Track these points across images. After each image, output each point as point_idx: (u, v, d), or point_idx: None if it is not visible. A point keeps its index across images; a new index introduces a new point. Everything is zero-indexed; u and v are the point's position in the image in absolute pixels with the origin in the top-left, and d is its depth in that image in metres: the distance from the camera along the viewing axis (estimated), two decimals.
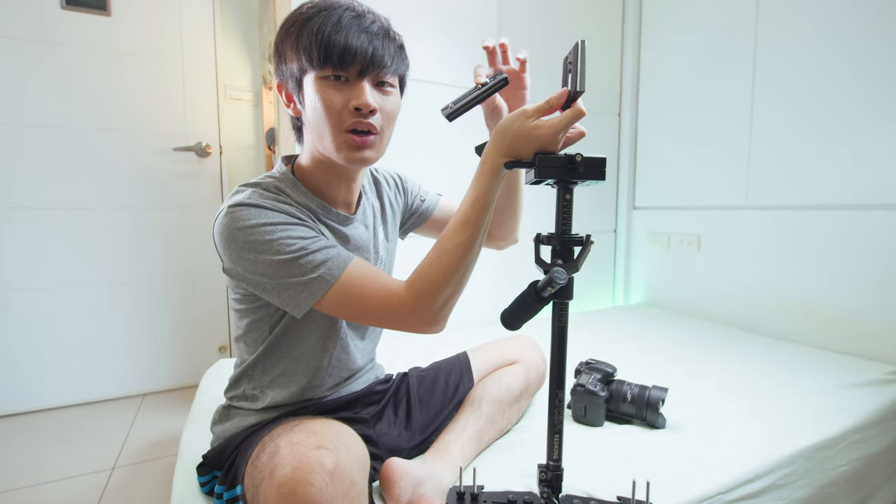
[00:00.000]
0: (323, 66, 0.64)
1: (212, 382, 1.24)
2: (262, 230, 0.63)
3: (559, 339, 0.65)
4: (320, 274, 0.63)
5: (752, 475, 0.80)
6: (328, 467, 0.51)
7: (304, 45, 0.64)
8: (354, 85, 0.66)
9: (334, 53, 0.63)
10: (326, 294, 0.64)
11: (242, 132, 2.12)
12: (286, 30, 0.68)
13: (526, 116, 0.62)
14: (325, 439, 0.55)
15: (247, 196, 0.67)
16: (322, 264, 0.64)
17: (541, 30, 1.97)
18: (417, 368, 0.98)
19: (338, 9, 0.66)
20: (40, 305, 1.74)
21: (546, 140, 0.61)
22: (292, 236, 0.64)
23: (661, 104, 2.07)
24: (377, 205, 0.88)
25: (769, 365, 1.29)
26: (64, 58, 1.72)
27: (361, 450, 0.59)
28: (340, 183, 0.76)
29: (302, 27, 0.65)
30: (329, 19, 0.64)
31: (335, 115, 0.66)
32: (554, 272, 0.57)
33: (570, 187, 0.64)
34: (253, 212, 0.64)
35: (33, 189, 1.71)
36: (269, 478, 0.53)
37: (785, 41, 1.56)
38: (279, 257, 0.63)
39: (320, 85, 0.66)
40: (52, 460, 1.39)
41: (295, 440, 0.55)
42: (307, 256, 0.64)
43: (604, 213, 2.25)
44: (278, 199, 0.68)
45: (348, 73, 0.66)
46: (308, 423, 0.60)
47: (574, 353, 1.27)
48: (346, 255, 0.67)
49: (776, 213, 1.61)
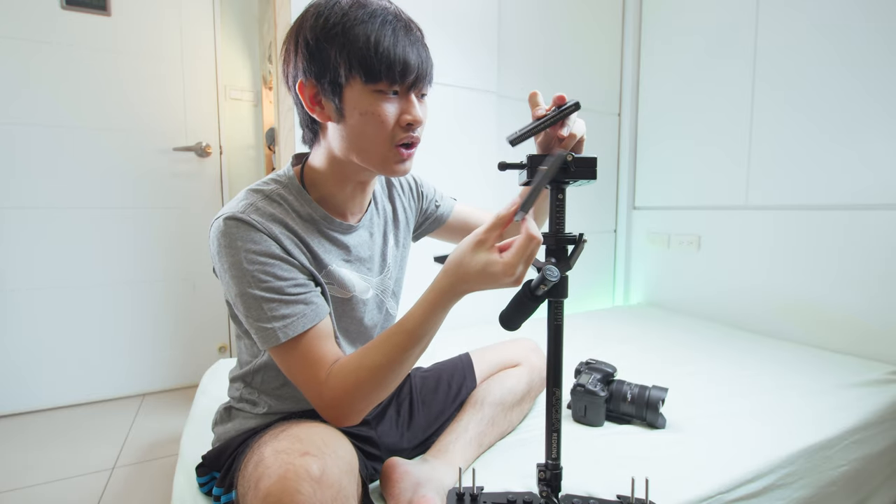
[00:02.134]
0: (379, 79, 0.62)
1: (212, 382, 1.23)
2: (243, 256, 0.62)
3: (555, 338, 0.65)
4: (274, 327, 0.62)
5: (752, 475, 0.80)
6: (315, 474, 0.50)
7: (359, 57, 0.60)
8: (404, 98, 0.65)
9: (395, 69, 0.61)
10: (273, 349, 0.64)
11: (242, 132, 2.12)
12: (325, 29, 0.62)
13: (476, 245, 0.59)
14: (311, 445, 0.54)
15: (243, 208, 0.64)
16: (282, 318, 0.62)
17: (541, 30, 1.97)
18: (420, 369, 0.98)
19: (381, 14, 0.62)
20: (40, 305, 1.74)
21: (502, 279, 0.57)
22: (269, 273, 0.62)
23: (661, 104, 2.07)
24: (389, 209, 0.86)
25: (769, 365, 1.29)
26: (64, 57, 1.72)
27: (349, 453, 0.57)
28: (355, 189, 0.74)
29: (348, 30, 0.61)
30: (383, 30, 0.61)
31: (388, 129, 0.64)
32: (546, 270, 0.57)
33: (563, 187, 0.63)
34: (242, 232, 0.63)
35: (33, 189, 1.71)
36: (254, 488, 0.51)
37: (785, 40, 1.56)
38: (249, 290, 0.62)
39: (374, 98, 0.63)
40: (52, 460, 1.39)
41: (280, 448, 0.53)
42: (273, 303, 0.62)
43: (604, 213, 2.25)
44: (276, 216, 0.66)
45: (401, 87, 0.64)
46: (294, 429, 0.58)
47: (574, 353, 1.28)
48: (311, 318, 0.64)
49: (776, 213, 1.61)
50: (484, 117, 1.83)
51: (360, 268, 0.78)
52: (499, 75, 1.86)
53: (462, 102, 1.77)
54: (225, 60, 2.03)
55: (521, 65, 1.93)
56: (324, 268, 0.71)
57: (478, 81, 1.81)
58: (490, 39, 1.82)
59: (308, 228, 0.70)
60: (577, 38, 2.07)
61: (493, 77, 1.84)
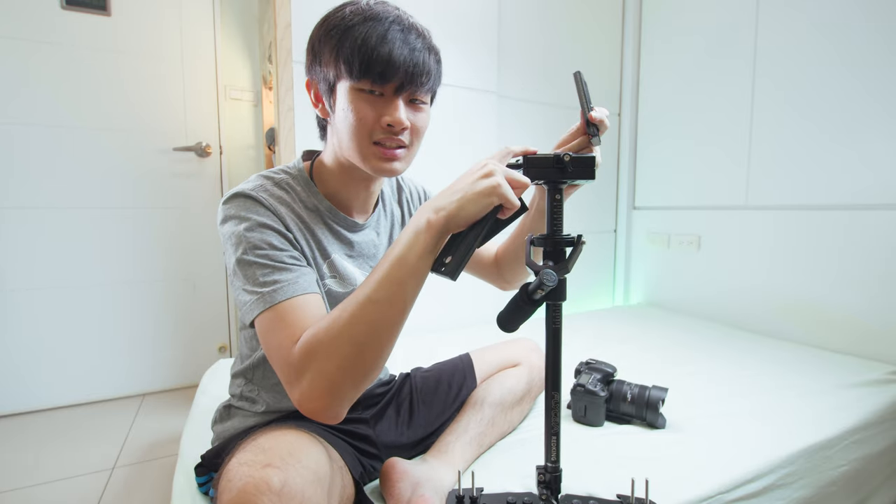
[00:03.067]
0: (360, 78, 0.63)
1: (212, 382, 1.24)
2: (244, 225, 0.64)
3: (553, 341, 0.64)
4: (262, 292, 0.61)
5: (752, 475, 0.80)
6: (275, 487, 0.49)
7: (345, 55, 0.62)
8: (389, 101, 0.65)
9: (375, 69, 0.62)
10: (258, 319, 0.61)
11: (242, 132, 2.12)
12: (327, 32, 0.65)
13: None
14: (274, 456, 0.52)
15: (251, 186, 0.67)
16: (272, 284, 0.61)
17: (541, 30, 1.97)
18: (420, 369, 0.99)
19: (384, 20, 0.63)
20: (40, 305, 1.74)
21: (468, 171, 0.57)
22: (266, 242, 0.63)
23: (661, 104, 2.07)
24: (397, 213, 0.88)
25: (769, 365, 1.29)
26: (64, 57, 1.71)
27: (315, 462, 0.55)
28: (359, 186, 0.76)
29: (344, 33, 0.63)
30: (374, 30, 0.62)
31: (365, 128, 0.65)
32: (543, 274, 0.56)
33: (560, 187, 0.62)
34: (249, 205, 0.65)
35: (33, 189, 1.71)
36: (219, 501, 0.50)
37: (785, 40, 1.56)
38: (245, 256, 0.62)
39: (355, 96, 0.64)
40: (52, 460, 1.39)
41: (243, 459, 0.52)
42: (265, 269, 0.62)
43: (604, 213, 2.25)
44: (284, 199, 0.69)
45: (385, 88, 0.64)
46: (262, 438, 0.56)
47: (574, 353, 1.28)
48: (301, 287, 0.62)
49: (776, 213, 1.61)
50: (484, 117, 1.83)
51: (363, 264, 0.79)
52: (499, 75, 1.86)
53: (462, 102, 1.77)
54: (225, 60, 2.03)
55: (521, 65, 1.93)
56: (327, 257, 0.73)
57: (478, 81, 1.81)
58: (490, 39, 1.82)
59: (313, 218, 0.72)
60: (577, 38, 2.07)
61: (493, 77, 1.84)
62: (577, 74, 0.64)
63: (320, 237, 0.72)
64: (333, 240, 0.75)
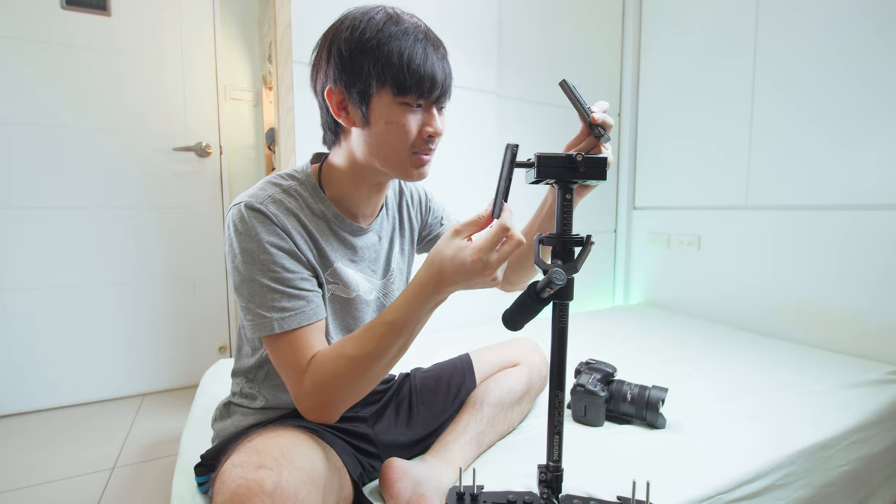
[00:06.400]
0: (408, 93, 0.65)
1: (212, 382, 1.24)
2: (257, 245, 0.65)
3: (559, 340, 0.64)
4: (272, 317, 0.64)
5: (752, 475, 0.80)
6: (268, 489, 0.49)
7: (393, 70, 0.63)
8: (426, 111, 0.68)
9: (424, 85, 0.65)
10: (265, 338, 0.66)
11: (242, 132, 2.12)
12: (360, 42, 0.64)
13: (452, 234, 0.60)
14: (268, 457, 0.53)
15: (262, 199, 0.67)
16: (281, 310, 0.65)
17: (541, 30, 1.97)
18: (420, 369, 0.99)
19: (413, 31, 0.65)
20: (40, 305, 1.74)
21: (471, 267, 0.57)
22: (278, 264, 0.65)
23: (661, 104, 2.07)
24: (397, 216, 0.88)
25: (769, 365, 1.29)
26: (64, 58, 1.72)
27: (309, 462, 0.57)
28: (370, 190, 0.76)
29: (382, 45, 0.64)
30: (415, 47, 0.64)
31: (410, 138, 0.67)
32: (552, 273, 0.57)
33: (571, 187, 0.63)
34: (259, 221, 0.66)
35: (33, 189, 1.71)
36: (214, 502, 0.51)
37: (785, 40, 1.56)
38: (258, 277, 0.65)
39: (400, 110, 0.66)
40: (52, 460, 1.39)
41: (237, 461, 0.53)
42: (276, 294, 0.65)
43: (604, 213, 2.25)
44: (291, 210, 0.69)
45: (426, 101, 0.67)
46: (256, 440, 0.58)
47: (574, 353, 1.27)
48: (308, 316, 0.66)
49: (776, 213, 1.61)
50: (484, 117, 1.83)
51: (365, 269, 0.80)
52: (499, 75, 1.86)
53: (462, 102, 1.77)
54: (225, 60, 2.03)
55: (521, 65, 1.93)
56: (329, 266, 0.74)
57: (478, 81, 1.81)
58: (490, 39, 1.82)
59: (319, 225, 0.73)
60: (576, 38, 2.07)
61: (493, 77, 1.84)
62: (564, 83, 0.63)
63: (324, 246, 0.73)
64: (338, 245, 0.75)
